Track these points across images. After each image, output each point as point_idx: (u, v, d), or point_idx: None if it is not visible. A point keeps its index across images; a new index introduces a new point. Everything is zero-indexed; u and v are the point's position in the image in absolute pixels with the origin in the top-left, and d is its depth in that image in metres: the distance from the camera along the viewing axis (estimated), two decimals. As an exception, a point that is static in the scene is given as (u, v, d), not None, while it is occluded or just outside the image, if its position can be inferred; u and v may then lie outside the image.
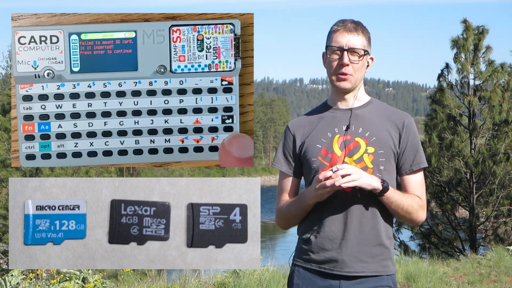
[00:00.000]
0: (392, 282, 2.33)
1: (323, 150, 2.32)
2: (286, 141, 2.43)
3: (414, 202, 2.31)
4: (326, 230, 2.30)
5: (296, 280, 2.37)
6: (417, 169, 2.35)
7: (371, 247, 2.29)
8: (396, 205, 2.27)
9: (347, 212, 2.29)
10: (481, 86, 13.52)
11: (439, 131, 13.52)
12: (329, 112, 2.38)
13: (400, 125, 2.34)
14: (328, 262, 2.30)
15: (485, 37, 13.52)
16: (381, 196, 2.24)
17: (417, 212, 2.32)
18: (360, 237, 2.28)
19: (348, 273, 2.28)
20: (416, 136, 2.36)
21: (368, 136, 2.32)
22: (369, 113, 2.35)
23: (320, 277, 2.32)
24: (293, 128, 2.43)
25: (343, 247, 2.28)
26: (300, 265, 2.37)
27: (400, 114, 2.38)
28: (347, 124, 2.33)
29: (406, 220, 2.34)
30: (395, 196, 2.26)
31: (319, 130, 2.36)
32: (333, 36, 2.30)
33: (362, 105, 2.37)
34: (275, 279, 6.22)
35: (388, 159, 2.31)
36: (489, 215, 13.64)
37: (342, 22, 2.31)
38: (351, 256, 2.27)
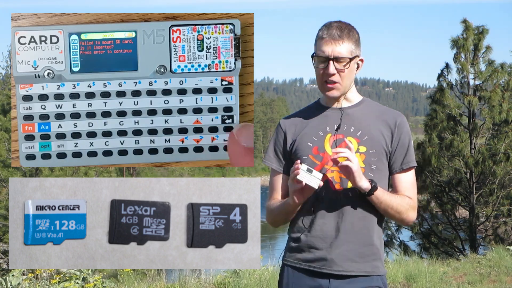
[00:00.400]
0: (382, 283, 2.33)
1: (314, 149, 2.32)
2: (278, 138, 2.43)
3: (404, 202, 2.30)
4: (317, 229, 2.30)
5: (286, 279, 2.36)
6: (407, 168, 2.34)
7: (362, 247, 2.29)
8: (386, 204, 2.26)
9: (338, 212, 2.28)
10: (481, 86, 13.52)
11: (439, 131, 13.51)
12: (321, 111, 2.38)
13: (392, 124, 2.34)
14: (317, 260, 2.29)
15: (485, 37, 13.52)
16: (370, 195, 2.24)
17: (407, 212, 2.31)
18: (351, 237, 2.28)
19: (337, 272, 2.27)
20: (408, 135, 2.36)
21: (359, 135, 2.32)
22: (361, 113, 2.35)
23: (309, 276, 2.31)
24: (284, 125, 2.42)
25: (333, 246, 2.27)
26: (289, 265, 2.36)
27: (392, 113, 2.38)
28: (338, 124, 2.33)
29: (397, 220, 2.34)
30: (384, 196, 2.25)
31: (310, 129, 2.36)
32: (318, 44, 2.28)
33: (354, 105, 2.37)
34: (275, 279, 6.22)
35: (380, 158, 2.31)
36: (489, 215, 13.64)
37: (327, 29, 2.28)
38: (341, 255, 2.27)
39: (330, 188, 2.30)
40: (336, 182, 2.30)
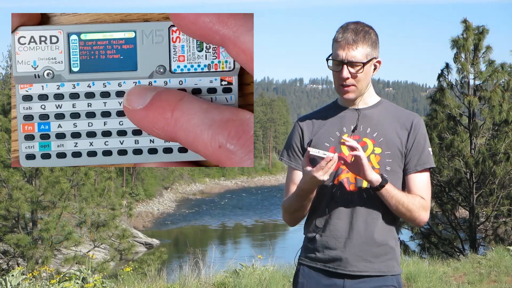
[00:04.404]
0: (397, 283, 2.34)
1: (331, 149, 2.33)
2: (295, 135, 2.44)
3: (415, 200, 2.29)
4: (331, 229, 2.31)
5: (301, 279, 2.38)
6: (422, 169, 2.33)
7: (376, 247, 2.29)
8: (397, 200, 2.25)
9: (352, 211, 2.30)
10: (481, 86, 13.53)
11: (439, 131, 13.52)
12: (338, 112, 2.39)
13: (408, 125, 2.34)
14: (332, 261, 2.31)
15: (485, 37, 13.53)
16: (380, 188, 2.23)
17: (419, 211, 2.29)
18: (365, 237, 2.28)
19: (352, 272, 2.29)
20: (424, 136, 2.35)
21: (376, 137, 2.32)
22: (378, 114, 2.36)
23: (324, 276, 2.33)
24: (302, 124, 2.44)
25: (347, 246, 2.29)
26: (305, 264, 2.38)
27: (409, 114, 2.38)
28: (355, 125, 2.34)
29: (408, 219, 2.32)
30: (395, 191, 2.25)
31: (327, 129, 2.37)
32: (334, 47, 2.30)
33: (371, 106, 2.38)
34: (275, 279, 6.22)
35: (395, 160, 2.31)
36: (489, 215, 13.65)
37: (343, 32, 2.28)
38: (355, 255, 2.28)
39: (344, 188, 2.32)
40: (351, 182, 2.31)
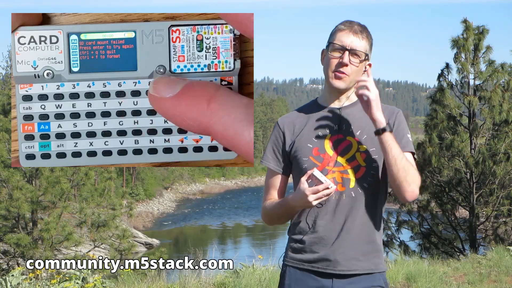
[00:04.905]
0: (383, 281, 2.34)
1: (314, 150, 2.32)
2: (276, 138, 2.42)
3: (410, 165, 2.25)
4: (319, 230, 2.30)
5: (288, 280, 2.36)
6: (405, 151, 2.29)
7: (364, 244, 2.29)
8: (396, 153, 2.21)
9: (340, 211, 2.29)
10: (481, 86, 13.52)
11: (439, 131, 13.52)
12: (319, 111, 2.38)
13: (389, 115, 2.33)
14: (321, 261, 2.30)
15: (485, 37, 13.52)
16: (383, 133, 2.23)
17: (413, 177, 2.23)
18: (354, 236, 2.28)
19: (341, 271, 2.27)
20: (404, 125, 2.35)
21: (359, 135, 2.32)
22: (359, 111, 2.34)
23: (311, 277, 2.31)
24: (283, 125, 2.42)
25: (336, 246, 2.28)
26: (291, 265, 2.36)
27: (389, 108, 2.38)
28: (337, 124, 2.33)
29: (401, 182, 2.23)
30: (395, 143, 2.23)
31: (309, 129, 2.35)
32: (338, 35, 2.30)
33: (351, 104, 2.37)
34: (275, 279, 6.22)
35: (381, 156, 2.30)
36: (489, 215, 13.64)
37: (349, 23, 2.31)
38: (345, 254, 2.28)
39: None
40: (338, 182, 2.30)
